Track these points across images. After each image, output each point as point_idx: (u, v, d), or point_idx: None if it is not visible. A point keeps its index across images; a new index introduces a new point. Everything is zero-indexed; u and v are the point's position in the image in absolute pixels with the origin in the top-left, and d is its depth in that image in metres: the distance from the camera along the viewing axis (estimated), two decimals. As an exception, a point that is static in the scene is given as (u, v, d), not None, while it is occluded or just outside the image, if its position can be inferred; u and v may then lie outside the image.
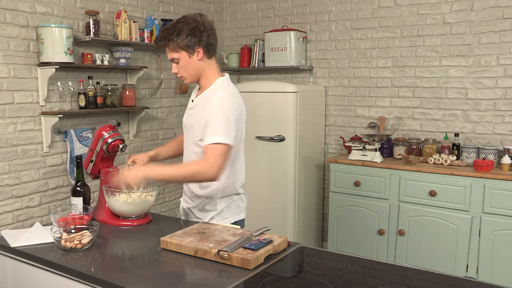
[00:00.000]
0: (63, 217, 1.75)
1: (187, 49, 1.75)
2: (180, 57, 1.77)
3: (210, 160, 1.67)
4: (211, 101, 1.75)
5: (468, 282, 1.42)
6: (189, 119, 1.90)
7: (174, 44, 1.74)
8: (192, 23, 1.74)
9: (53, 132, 3.00)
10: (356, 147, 3.42)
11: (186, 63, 1.78)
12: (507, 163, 2.95)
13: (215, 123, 1.70)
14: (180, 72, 1.81)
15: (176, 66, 1.80)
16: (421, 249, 3.12)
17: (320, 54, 3.94)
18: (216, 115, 1.71)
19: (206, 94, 1.82)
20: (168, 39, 1.74)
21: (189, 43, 1.74)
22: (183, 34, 1.73)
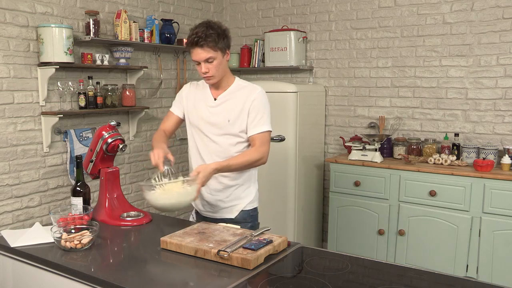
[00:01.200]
0: (63, 217, 1.75)
1: (222, 50, 1.91)
2: (217, 57, 1.89)
3: (263, 147, 1.96)
4: (252, 95, 1.96)
5: (468, 282, 1.42)
6: (216, 116, 1.99)
7: (214, 44, 1.87)
8: (223, 27, 1.94)
9: (53, 132, 3.00)
10: (356, 147, 3.42)
11: (220, 63, 1.91)
12: (507, 163, 2.95)
13: (261, 114, 1.96)
14: (211, 71, 1.90)
15: (208, 66, 1.89)
16: (421, 249, 3.12)
17: (320, 54, 3.94)
18: (261, 106, 1.96)
19: (233, 91, 2.00)
20: (212, 38, 1.86)
21: (224, 45, 1.92)
22: (221, 36, 1.90)
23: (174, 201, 1.72)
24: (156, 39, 3.56)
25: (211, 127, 2.01)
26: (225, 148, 2.00)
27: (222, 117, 1.98)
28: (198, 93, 2.08)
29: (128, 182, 3.60)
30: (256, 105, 1.96)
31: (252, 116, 1.96)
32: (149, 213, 2.01)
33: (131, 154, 3.61)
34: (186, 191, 1.74)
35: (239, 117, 1.96)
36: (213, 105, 2.02)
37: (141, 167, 3.70)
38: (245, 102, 1.96)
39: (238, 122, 1.97)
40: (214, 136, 2.00)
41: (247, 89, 2.00)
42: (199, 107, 2.05)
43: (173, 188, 1.74)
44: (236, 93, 2.00)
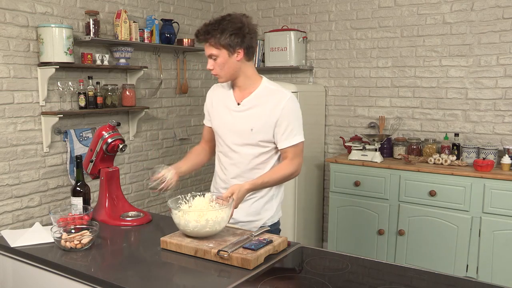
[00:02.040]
0: (63, 217, 1.75)
1: (228, 48, 1.74)
2: (219, 55, 1.75)
3: (297, 160, 1.84)
4: (282, 103, 1.79)
5: (468, 282, 1.42)
6: (239, 123, 1.85)
7: (215, 40, 1.73)
8: (238, 23, 1.74)
9: (53, 132, 3.00)
10: (356, 147, 3.42)
11: (224, 62, 1.77)
12: (507, 163, 2.95)
13: (293, 124, 1.81)
14: (215, 69, 1.79)
15: (213, 63, 1.78)
16: (421, 249, 3.12)
17: (320, 54, 3.94)
18: (292, 116, 1.81)
19: (259, 95, 1.84)
20: (211, 34, 1.72)
21: (231, 43, 1.73)
22: (226, 32, 1.72)
23: (208, 229, 1.55)
24: (156, 39, 3.56)
25: (232, 135, 1.86)
26: (247, 159, 1.85)
27: (245, 125, 1.83)
28: (221, 95, 1.93)
29: (128, 182, 3.60)
30: (286, 114, 1.79)
31: (283, 127, 1.79)
32: (149, 213, 2.01)
33: (131, 154, 3.61)
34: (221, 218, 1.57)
35: (264, 126, 1.80)
36: (236, 110, 1.85)
37: (141, 167, 3.70)
38: (273, 110, 1.79)
39: (263, 131, 1.80)
40: (234, 146, 1.86)
41: (275, 95, 1.82)
42: (221, 112, 1.90)
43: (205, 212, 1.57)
44: (262, 98, 1.82)
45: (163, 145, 3.89)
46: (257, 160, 1.85)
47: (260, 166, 1.86)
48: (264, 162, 1.86)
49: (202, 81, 4.24)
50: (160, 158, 3.86)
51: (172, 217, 1.59)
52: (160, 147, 3.87)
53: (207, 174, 4.36)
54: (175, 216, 1.57)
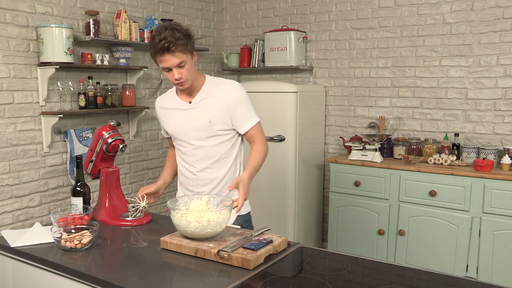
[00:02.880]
0: (63, 217, 1.75)
1: (191, 52, 1.81)
2: (187, 60, 1.79)
3: (263, 138, 1.97)
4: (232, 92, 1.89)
5: (468, 282, 1.42)
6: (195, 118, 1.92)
7: (183, 47, 1.76)
8: (185, 27, 1.81)
9: (53, 132, 3.00)
10: (356, 147, 3.42)
11: (191, 66, 1.82)
12: (507, 163, 2.95)
13: (247, 108, 1.93)
14: (184, 75, 1.81)
15: (180, 71, 1.80)
16: (421, 249, 3.12)
17: (320, 54, 3.94)
18: (243, 101, 1.92)
19: (208, 90, 1.92)
20: (182, 42, 1.74)
21: (191, 47, 1.81)
22: (187, 38, 1.78)
23: (209, 230, 1.54)
24: (156, 39, 3.56)
25: (191, 133, 1.93)
26: (212, 150, 1.93)
27: (202, 119, 1.90)
28: (168, 103, 2.00)
29: (128, 182, 3.60)
30: (240, 100, 1.90)
31: (240, 112, 1.90)
32: (149, 213, 2.01)
33: (131, 154, 3.61)
34: (222, 218, 1.56)
35: (220, 115, 1.89)
36: (190, 108, 1.93)
37: (141, 167, 3.70)
38: (225, 99, 1.89)
39: (220, 121, 1.89)
40: (196, 141, 1.93)
41: (223, 86, 1.93)
42: (174, 116, 1.97)
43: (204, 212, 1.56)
44: (212, 91, 1.92)
45: (163, 145, 3.89)
46: (221, 149, 1.94)
47: (225, 155, 1.95)
48: (229, 150, 1.95)
49: (202, 81, 4.23)
50: (160, 158, 3.86)
51: (172, 219, 1.59)
52: (160, 147, 3.87)
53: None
54: (175, 217, 1.56)
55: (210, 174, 1.95)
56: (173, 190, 4.02)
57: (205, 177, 1.96)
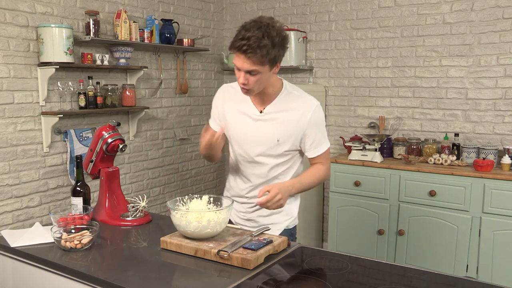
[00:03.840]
0: (63, 217, 1.75)
1: (272, 62, 1.58)
2: (262, 71, 1.58)
3: (327, 164, 1.84)
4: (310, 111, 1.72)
5: (468, 282, 1.42)
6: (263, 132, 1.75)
7: (264, 58, 1.53)
8: (283, 34, 1.57)
9: (53, 132, 3.00)
10: (356, 147, 3.41)
11: (263, 77, 1.61)
12: (507, 163, 2.95)
13: (321, 133, 1.78)
14: (251, 84, 1.60)
15: (248, 77, 1.59)
16: (421, 249, 3.12)
17: (320, 54, 3.94)
18: (319, 125, 1.77)
19: (283, 102, 1.74)
20: (264, 49, 1.51)
21: (277, 56, 1.58)
22: (276, 46, 1.54)
23: (209, 230, 1.53)
24: (156, 39, 3.56)
25: (255, 146, 1.76)
26: (267, 169, 1.79)
27: (270, 136, 1.73)
28: (235, 99, 1.80)
29: (128, 182, 3.60)
30: (314, 125, 1.73)
31: (311, 138, 1.74)
32: (149, 213, 2.01)
33: (131, 154, 3.61)
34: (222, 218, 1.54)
35: (290, 137, 1.73)
36: (260, 119, 1.75)
37: (141, 167, 3.70)
38: (300, 120, 1.71)
39: (289, 142, 1.74)
40: (258, 157, 1.77)
41: (301, 102, 1.73)
42: (241, 121, 1.78)
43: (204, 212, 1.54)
44: (287, 105, 1.73)
45: (163, 145, 3.89)
46: (279, 169, 1.81)
47: (282, 174, 1.82)
48: (287, 169, 1.83)
49: (202, 81, 4.23)
50: (160, 158, 3.87)
51: (172, 219, 1.59)
52: (160, 147, 3.87)
53: (206, 174, 4.36)
54: (175, 217, 1.56)
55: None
56: (173, 190, 4.02)
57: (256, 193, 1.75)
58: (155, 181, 3.85)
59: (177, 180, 4.06)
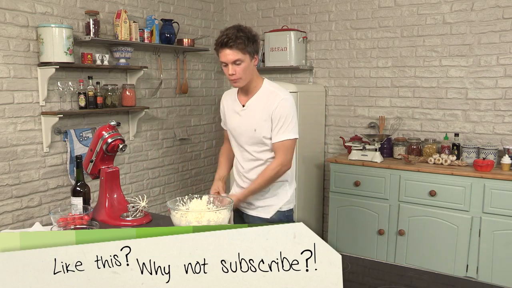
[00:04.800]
0: (63, 217, 1.75)
1: (251, 54, 1.93)
2: (244, 60, 1.91)
3: (284, 157, 1.98)
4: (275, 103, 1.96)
5: (468, 282, 1.42)
6: (244, 124, 2.03)
7: (242, 46, 1.88)
8: (253, 33, 1.95)
9: (53, 132, 3.00)
10: (356, 147, 3.42)
11: (247, 67, 1.93)
12: (507, 163, 2.95)
13: (284, 122, 1.96)
14: (238, 73, 1.92)
15: (235, 68, 1.91)
16: (421, 249, 3.12)
17: (320, 54, 3.94)
18: (283, 115, 1.96)
19: (260, 96, 2.01)
20: (241, 40, 1.88)
21: (253, 50, 1.94)
22: (250, 40, 1.91)
23: None
24: (156, 39, 3.56)
25: (242, 136, 2.05)
26: (258, 155, 2.04)
27: (249, 126, 2.01)
28: (230, 100, 2.13)
29: (128, 182, 3.60)
30: (279, 112, 1.96)
31: (275, 124, 1.97)
32: (149, 213, 2.01)
33: (131, 154, 3.61)
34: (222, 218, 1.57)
35: (263, 125, 1.98)
36: (241, 113, 2.05)
37: (141, 167, 3.70)
38: (269, 108, 1.97)
39: (264, 130, 1.98)
40: (246, 146, 2.05)
41: (272, 95, 1.99)
42: (232, 116, 2.10)
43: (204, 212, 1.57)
44: (263, 99, 2.01)
45: (163, 145, 3.89)
46: (266, 155, 2.03)
47: (270, 160, 2.03)
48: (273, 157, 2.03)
49: (202, 81, 4.24)
50: (160, 158, 3.87)
51: (171, 219, 1.58)
52: (160, 147, 3.87)
53: (207, 174, 4.36)
54: (175, 217, 1.56)
55: (256, 174, 2.04)
56: (173, 190, 4.02)
57: (252, 177, 2.06)
58: (155, 181, 3.85)
59: (177, 180, 4.06)
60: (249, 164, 2.07)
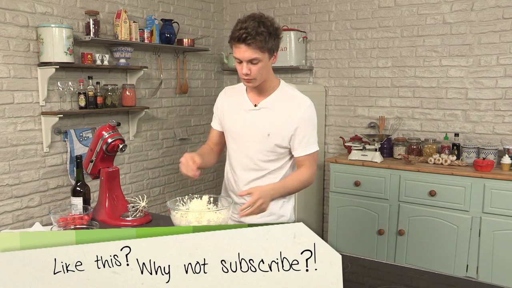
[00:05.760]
0: (63, 217, 1.75)
1: (270, 51, 1.68)
2: (262, 59, 1.66)
3: (312, 168, 1.81)
4: (301, 110, 1.75)
5: (468, 282, 1.42)
6: (255, 124, 1.79)
7: (262, 44, 1.63)
8: (275, 25, 1.69)
9: (53, 132, 3.00)
10: (356, 147, 3.42)
11: (265, 66, 1.69)
12: (507, 163, 2.95)
13: (310, 132, 1.78)
14: (253, 73, 1.68)
15: (250, 67, 1.66)
16: (421, 249, 3.12)
17: (320, 54, 3.94)
18: (310, 124, 1.77)
19: (278, 98, 1.79)
20: (261, 37, 1.62)
21: (274, 46, 1.69)
22: (272, 35, 1.66)
23: None
24: (156, 39, 3.56)
25: (247, 138, 1.80)
26: (260, 165, 1.81)
27: (261, 127, 1.77)
28: (234, 98, 1.87)
29: (128, 182, 3.60)
30: (305, 123, 1.75)
31: (301, 136, 1.76)
32: (149, 213, 2.01)
33: (131, 154, 3.61)
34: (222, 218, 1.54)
35: (281, 132, 1.76)
36: (251, 113, 1.79)
37: (141, 167, 3.70)
38: (291, 116, 1.74)
39: (280, 137, 1.76)
40: (250, 152, 1.81)
41: (295, 100, 1.78)
42: (236, 114, 1.83)
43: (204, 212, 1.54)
44: (281, 102, 1.78)
45: (163, 145, 3.89)
46: (271, 165, 1.82)
47: (274, 172, 1.83)
48: (278, 169, 1.83)
49: (202, 81, 4.24)
50: (160, 158, 3.87)
51: (171, 219, 1.58)
52: (160, 147, 3.87)
53: (207, 174, 4.36)
54: (175, 217, 1.56)
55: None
56: (173, 190, 4.02)
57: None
58: (155, 181, 3.85)
59: (177, 180, 4.06)
60: (249, 174, 1.83)
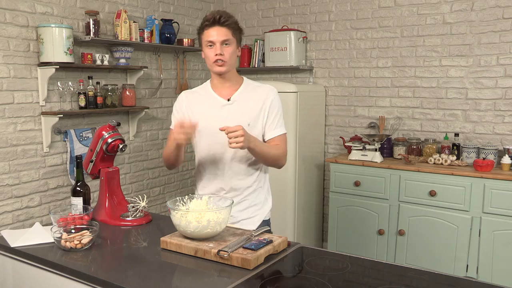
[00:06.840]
0: (63, 217, 1.75)
1: (237, 42, 1.86)
2: (232, 43, 1.82)
3: (285, 149, 1.90)
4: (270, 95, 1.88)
5: (468, 282, 1.42)
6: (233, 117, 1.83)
7: (234, 27, 1.82)
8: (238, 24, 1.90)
9: (53, 132, 3.00)
10: (356, 147, 3.42)
11: (233, 51, 1.83)
12: (507, 163, 2.95)
13: (279, 116, 1.90)
14: (226, 56, 1.80)
15: (223, 49, 1.79)
16: (421, 249, 3.12)
17: (320, 54, 3.94)
18: (279, 109, 1.90)
19: (247, 90, 1.91)
20: (232, 20, 1.82)
21: (239, 38, 1.88)
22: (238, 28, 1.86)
23: (209, 230, 1.53)
24: (156, 39, 3.56)
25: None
26: (243, 155, 1.85)
27: (241, 119, 1.81)
28: (200, 99, 1.92)
29: (128, 182, 3.60)
30: (275, 105, 1.88)
31: (272, 118, 1.87)
32: (149, 213, 2.01)
33: (131, 154, 3.61)
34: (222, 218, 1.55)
35: (258, 119, 1.85)
36: (226, 108, 1.86)
37: (141, 167, 3.70)
38: (264, 102, 1.86)
39: (258, 125, 1.85)
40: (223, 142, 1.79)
41: (262, 88, 1.91)
42: (209, 113, 1.87)
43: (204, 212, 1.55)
44: (250, 93, 1.89)
45: (163, 145, 3.89)
46: (251, 158, 1.87)
47: (252, 164, 1.89)
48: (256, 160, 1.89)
49: (202, 81, 4.21)
50: (160, 158, 3.86)
51: (172, 219, 1.59)
52: (160, 147, 3.87)
53: (207, 174, 4.35)
54: (175, 217, 1.56)
55: (238, 180, 1.89)
56: (173, 190, 4.02)
57: (235, 183, 1.89)
58: (155, 181, 3.85)
59: (177, 180, 4.06)
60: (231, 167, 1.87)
